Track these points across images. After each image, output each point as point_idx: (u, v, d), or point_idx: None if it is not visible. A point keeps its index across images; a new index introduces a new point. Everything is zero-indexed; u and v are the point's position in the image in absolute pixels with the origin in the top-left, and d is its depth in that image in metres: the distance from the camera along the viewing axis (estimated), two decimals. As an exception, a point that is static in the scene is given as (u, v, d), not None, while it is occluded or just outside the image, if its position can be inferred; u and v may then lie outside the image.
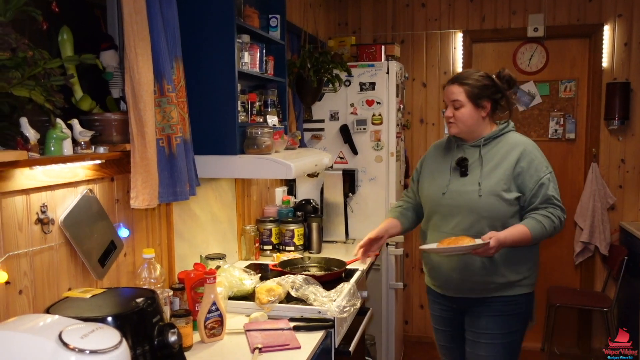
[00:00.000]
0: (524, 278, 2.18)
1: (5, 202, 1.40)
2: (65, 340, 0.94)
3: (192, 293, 1.94)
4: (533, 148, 2.16)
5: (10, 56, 1.25)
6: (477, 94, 2.13)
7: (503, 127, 2.22)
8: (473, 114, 2.15)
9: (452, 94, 2.16)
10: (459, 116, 2.16)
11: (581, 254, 4.10)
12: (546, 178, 2.10)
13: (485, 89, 2.14)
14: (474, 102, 2.14)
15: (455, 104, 2.15)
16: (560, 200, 2.11)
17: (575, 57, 4.17)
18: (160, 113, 1.84)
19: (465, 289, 2.19)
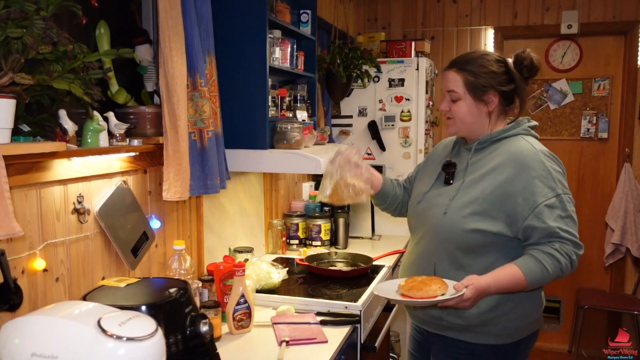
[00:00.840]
0: (492, 323, 1.64)
1: (44, 191, 1.44)
2: (104, 327, 0.96)
3: (221, 285, 1.97)
4: (536, 162, 1.60)
5: (51, 50, 1.28)
6: (479, 85, 1.65)
7: (508, 127, 1.70)
8: (472, 110, 1.67)
9: (447, 83, 1.70)
10: (455, 111, 1.69)
11: (612, 255, 4.02)
12: (546, 205, 1.56)
13: (492, 77, 1.66)
14: (474, 95, 1.66)
15: (452, 95, 1.69)
16: (571, 232, 1.57)
17: (609, 54, 4.08)
18: (193, 107, 1.86)
19: (420, 318, 1.80)
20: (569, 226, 1.58)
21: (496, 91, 1.67)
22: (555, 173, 1.60)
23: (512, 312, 1.65)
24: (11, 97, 1.22)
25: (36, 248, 1.42)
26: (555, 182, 1.59)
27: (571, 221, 1.59)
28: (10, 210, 1.13)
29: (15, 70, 1.23)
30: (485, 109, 1.68)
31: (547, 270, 1.55)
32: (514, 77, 1.67)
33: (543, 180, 1.58)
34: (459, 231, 1.61)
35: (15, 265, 1.36)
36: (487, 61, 1.68)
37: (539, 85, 4.21)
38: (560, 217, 1.57)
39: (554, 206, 1.56)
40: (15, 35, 1.21)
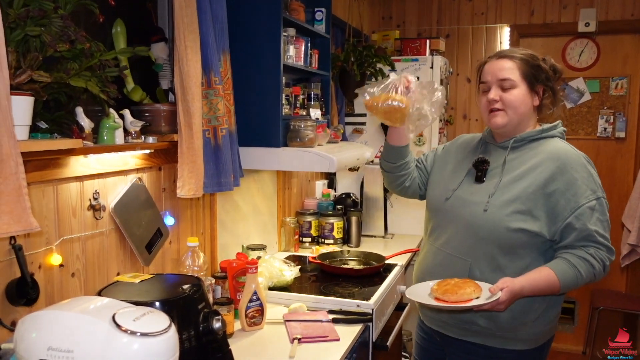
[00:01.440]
0: (522, 329, 1.63)
1: (60, 188, 1.46)
2: (118, 322, 0.98)
3: (234, 282, 1.98)
4: (578, 164, 1.59)
5: (69, 48, 1.30)
6: (532, 74, 1.64)
7: (547, 127, 1.69)
8: (526, 99, 1.64)
9: (500, 71, 1.64)
10: (509, 100, 1.63)
11: (628, 256, 3.97)
12: (588, 206, 1.55)
13: (540, 71, 1.65)
14: (528, 84, 1.64)
15: (505, 83, 1.63)
16: (607, 237, 1.57)
17: (628, 53, 4.02)
18: (207, 105, 1.88)
19: (443, 322, 1.75)
20: (606, 231, 1.58)
21: (543, 85, 1.67)
22: (596, 177, 1.62)
23: (542, 317, 1.65)
24: (29, 95, 1.24)
25: (53, 243, 1.44)
26: (597, 185, 1.60)
27: (608, 226, 1.59)
28: (28, 206, 1.15)
29: (33, 68, 1.25)
30: (535, 101, 1.67)
31: (581, 275, 1.54)
32: (550, 76, 1.68)
33: (585, 182, 1.57)
34: (502, 230, 1.58)
35: (32, 260, 1.39)
36: (536, 56, 1.69)
37: (555, 84, 4.16)
38: (599, 220, 1.57)
39: (594, 209, 1.56)
40: (33, 34, 1.23)
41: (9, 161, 1.11)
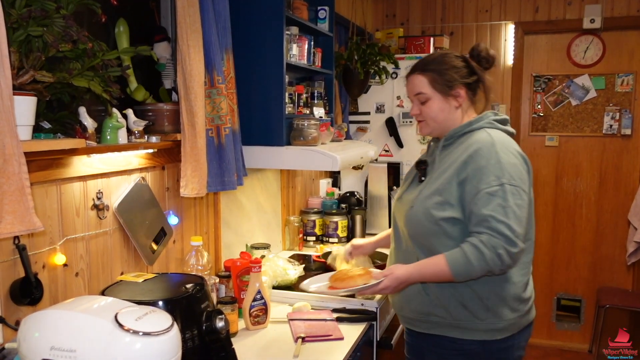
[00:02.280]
0: (479, 318, 1.62)
1: (64, 187, 1.46)
2: (120, 322, 0.98)
3: (237, 281, 1.98)
4: (489, 150, 1.58)
5: (71, 48, 1.30)
6: (444, 81, 1.68)
7: (472, 121, 1.70)
8: (443, 106, 1.70)
9: (414, 87, 1.73)
10: (427, 112, 1.71)
11: (634, 254, 3.94)
12: (486, 192, 1.52)
13: (455, 71, 1.69)
14: (441, 92, 1.69)
15: (420, 97, 1.71)
16: (508, 224, 1.49)
17: (634, 49, 3.99)
18: (210, 104, 1.87)
19: (409, 319, 1.76)
20: (509, 218, 1.50)
21: (461, 84, 1.70)
22: (507, 164, 1.56)
23: (497, 307, 1.62)
24: (32, 95, 1.25)
25: (56, 243, 1.45)
26: (503, 171, 1.54)
27: (511, 213, 1.51)
28: (31, 205, 1.15)
29: (36, 68, 1.25)
30: (455, 103, 1.71)
31: (470, 262, 1.51)
32: (475, 69, 1.72)
33: (490, 168, 1.55)
34: (426, 223, 1.62)
35: (36, 260, 1.39)
36: (447, 58, 1.72)
37: (560, 81, 4.15)
38: (500, 206, 1.51)
39: (494, 194, 1.52)
40: (36, 34, 1.24)
41: (12, 161, 1.12)
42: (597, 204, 4.16)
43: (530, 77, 4.20)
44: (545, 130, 4.22)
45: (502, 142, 1.62)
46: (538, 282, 4.28)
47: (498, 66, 4.18)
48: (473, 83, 1.72)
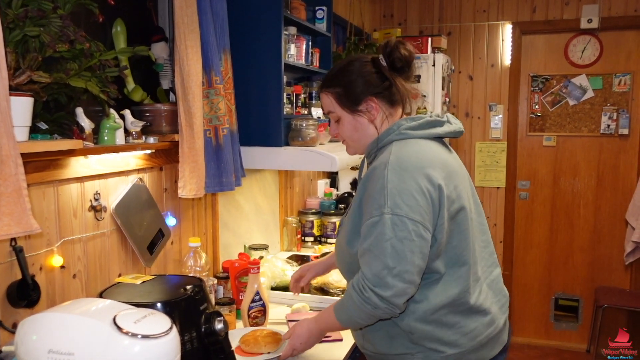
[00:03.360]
0: (408, 354, 1.41)
1: (61, 189, 1.45)
2: (119, 324, 0.97)
3: (236, 282, 1.97)
4: (379, 175, 1.34)
5: (68, 48, 1.29)
6: (351, 96, 1.47)
7: (381, 136, 1.46)
8: (355, 124, 1.49)
9: (324, 105, 1.55)
10: (342, 133, 1.52)
11: (632, 254, 3.95)
12: (367, 224, 1.32)
13: (361, 82, 1.46)
14: (349, 109, 1.48)
15: (332, 117, 1.53)
16: (383, 261, 1.27)
17: (631, 49, 4.00)
18: (208, 104, 1.87)
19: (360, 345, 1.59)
20: (383, 254, 1.27)
21: (372, 95, 1.46)
22: (394, 189, 1.30)
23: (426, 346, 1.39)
24: (29, 96, 1.24)
25: (53, 245, 1.44)
26: (386, 199, 1.30)
27: (389, 248, 1.27)
28: (28, 207, 1.14)
29: (32, 69, 1.24)
30: (366, 118, 1.48)
31: (346, 309, 1.37)
32: (386, 73, 1.46)
33: (375, 195, 1.33)
34: (346, 256, 1.45)
35: (33, 262, 1.38)
36: (352, 67, 1.49)
37: (558, 81, 4.15)
38: (377, 239, 1.29)
39: (373, 226, 1.30)
40: (33, 34, 1.23)
41: (9, 162, 1.11)
42: (594, 204, 4.17)
43: (527, 77, 4.20)
44: (543, 130, 4.22)
45: (401, 159, 1.35)
46: (536, 282, 4.31)
47: (495, 66, 4.18)
48: (386, 90, 1.47)
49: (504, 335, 1.52)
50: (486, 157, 4.29)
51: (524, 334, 4.35)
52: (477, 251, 1.46)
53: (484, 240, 1.51)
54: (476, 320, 1.42)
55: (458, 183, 1.41)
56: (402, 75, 1.48)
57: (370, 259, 1.30)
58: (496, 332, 1.46)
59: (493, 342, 1.47)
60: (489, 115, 4.24)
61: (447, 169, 1.40)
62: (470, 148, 4.32)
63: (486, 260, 1.51)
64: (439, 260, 1.37)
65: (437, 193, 1.33)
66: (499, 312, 1.49)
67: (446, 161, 1.42)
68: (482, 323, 1.43)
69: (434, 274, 1.38)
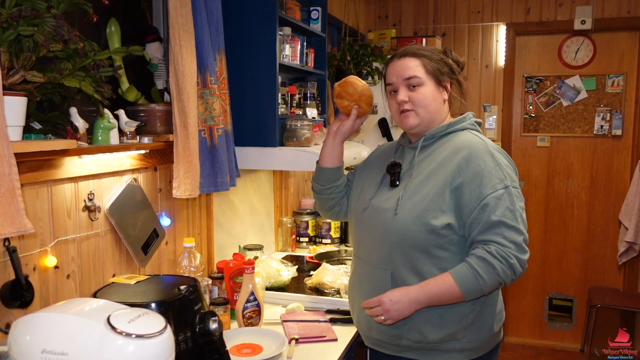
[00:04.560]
0: (455, 339, 1.50)
1: (55, 189, 1.45)
2: (113, 324, 0.97)
3: (230, 282, 1.97)
4: (483, 153, 1.48)
5: (62, 48, 1.29)
6: (438, 70, 1.56)
7: (454, 121, 1.59)
8: (436, 95, 1.56)
9: (406, 70, 1.55)
10: (418, 99, 1.54)
11: (625, 254, 3.97)
12: (494, 196, 1.42)
13: (444, 64, 1.58)
14: (435, 79, 1.56)
15: (412, 81, 1.55)
16: (518, 228, 1.42)
17: (624, 50, 4.02)
18: (203, 104, 1.87)
19: (376, 340, 1.59)
20: (517, 222, 1.42)
21: (450, 78, 1.60)
22: (505, 166, 1.48)
23: (475, 326, 1.51)
24: (22, 95, 1.23)
25: (47, 245, 1.43)
26: (505, 174, 1.46)
27: (519, 217, 1.43)
28: (22, 207, 1.14)
29: (26, 68, 1.24)
30: (444, 95, 1.59)
31: (481, 277, 1.40)
32: (454, 69, 1.61)
33: (492, 171, 1.45)
34: (413, 231, 1.46)
35: (26, 262, 1.38)
36: (436, 50, 1.62)
37: (552, 82, 4.17)
38: (509, 209, 1.42)
39: (501, 198, 1.42)
40: (26, 34, 1.22)
41: (2, 162, 1.10)
42: (588, 204, 4.19)
43: (521, 78, 4.22)
44: (537, 130, 4.24)
45: (491, 144, 1.54)
46: (530, 282, 4.32)
47: (490, 67, 4.20)
48: (455, 81, 1.62)
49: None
50: (480, 157, 4.30)
51: (518, 333, 4.36)
52: None
53: None
54: (502, 304, 1.62)
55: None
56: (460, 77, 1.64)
57: (504, 229, 1.41)
58: (503, 318, 1.63)
59: (501, 329, 1.63)
60: (484, 115, 4.26)
61: None
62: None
63: None
64: None
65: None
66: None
67: None
68: (502, 306, 1.62)
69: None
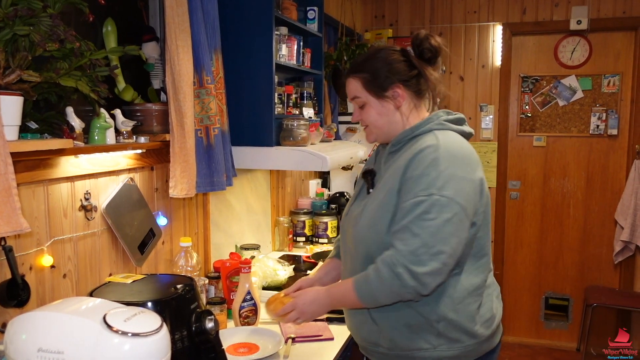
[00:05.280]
0: (430, 345, 1.41)
1: (51, 188, 1.45)
2: (109, 323, 0.97)
3: (227, 282, 1.97)
4: (427, 157, 1.36)
5: (58, 47, 1.29)
6: (379, 82, 1.48)
7: (418, 124, 1.48)
8: (381, 110, 1.50)
9: (349, 91, 1.55)
10: (366, 118, 1.53)
11: (621, 253, 3.99)
12: (412, 202, 1.33)
13: (390, 69, 1.48)
14: (376, 94, 1.49)
15: (357, 101, 1.54)
16: (422, 238, 1.29)
17: (619, 50, 4.04)
18: (199, 104, 1.87)
19: (359, 344, 1.58)
20: (423, 231, 1.29)
21: (399, 82, 1.48)
22: (444, 173, 1.33)
23: (449, 332, 1.41)
24: (18, 95, 1.23)
25: (44, 244, 1.43)
26: (437, 180, 1.33)
27: (432, 227, 1.29)
28: (18, 207, 1.14)
29: (22, 68, 1.24)
30: (392, 105, 1.49)
31: (370, 283, 1.35)
32: (415, 62, 1.50)
33: (422, 178, 1.34)
34: (368, 238, 1.43)
35: (22, 261, 1.38)
36: (382, 54, 1.51)
37: (548, 82, 4.18)
38: (419, 217, 1.31)
39: (418, 205, 1.32)
40: (22, 33, 1.22)
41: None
42: (584, 203, 4.20)
43: (518, 78, 4.23)
44: (533, 130, 4.25)
45: (450, 147, 1.40)
46: (526, 281, 4.33)
47: (486, 67, 4.21)
48: (413, 79, 1.49)
49: (501, 325, 1.57)
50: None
51: (514, 333, 4.37)
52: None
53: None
54: (489, 309, 1.48)
55: (484, 177, 1.47)
56: (431, 67, 1.51)
57: (407, 236, 1.30)
58: (499, 321, 1.53)
59: (498, 330, 1.53)
60: (480, 115, 4.27)
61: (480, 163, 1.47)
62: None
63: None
64: (468, 249, 1.42)
65: (480, 184, 1.40)
66: (498, 300, 1.55)
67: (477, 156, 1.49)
68: (493, 313, 1.49)
69: (462, 264, 1.42)
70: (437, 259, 1.29)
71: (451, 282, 1.40)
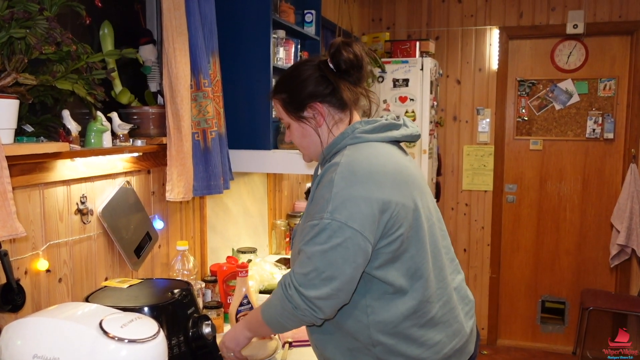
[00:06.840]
0: None
1: (47, 192, 1.44)
2: (105, 329, 0.96)
3: (224, 286, 1.96)
4: (328, 179, 1.27)
5: (55, 50, 1.28)
6: (295, 102, 1.40)
7: (334, 142, 1.38)
8: (302, 131, 1.42)
9: (277, 113, 1.49)
10: (293, 140, 1.47)
11: (617, 256, 4.00)
12: (310, 224, 1.26)
13: (304, 87, 1.39)
14: (294, 116, 1.41)
15: (283, 123, 1.48)
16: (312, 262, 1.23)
17: (615, 54, 4.06)
18: (197, 107, 1.86)
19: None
20: (313, 255, 1.23)
21: (316, 101, 1.38)
22: (338, 195, 1.24)
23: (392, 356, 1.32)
24: (14, 98, 1.22)
25: (39, 249, 1.42)
26: (329, 204, 1.24)
27: (320, 252, 1.23)
28: (13, 210, 1.13)
29: (18, 71, 1.23)
30: (312, 124, 1.40)
31: (270, 305, 1.32)
32: (330, 77, 1.38)
33: (320, 200, 1.27)
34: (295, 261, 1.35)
35: (18, 265, 1.36)
36: (297, 72, 1.42)
37: (544, 86, 4.19)
38: (310, 241, 1.25)
39: (312, 228, 1.25)
40: (18, 36, 1.22)
41: (-6, 165, 1.09)
42: (580, 207, 4.21)
43: (514, 82, 4.24)
44: (530, 134, 4.26)
45: (352, 164, 1.29)
46: (522, 284, 4.34)
47: (483, 70, 4.22)
48: (330, 95, 1.38)
49: (470, 345, 1.45)
50: (474, 160, 4.32)
51: (510, 336, 4.37)
52: (443, 257, 1.41)
53: (445, 246, 1.45)
54: (440, 331, 1.35)
55: (414, 189, 1.34)
56: (350, 79, 1.38)
57: (302, 258, 1.25)
58: (462, 342, 1.40)
59: (459, 354, 1.40)
60: (477, 119, 4.27)
61: (402, 174, 1.32)
62: (458, 152, 4.35)
63: (448, 267, 1.44)
64: (395, 271, 1.30)
65: (386, 202, 1.26)
66: (465, 319, 1.43)
67: (401, 165, 1.35)
68: (447, 334, 1.36)
69: (391, 286, 1.30)
70: (328, 285, 1.22)
71: (385, 305, 1.31)
